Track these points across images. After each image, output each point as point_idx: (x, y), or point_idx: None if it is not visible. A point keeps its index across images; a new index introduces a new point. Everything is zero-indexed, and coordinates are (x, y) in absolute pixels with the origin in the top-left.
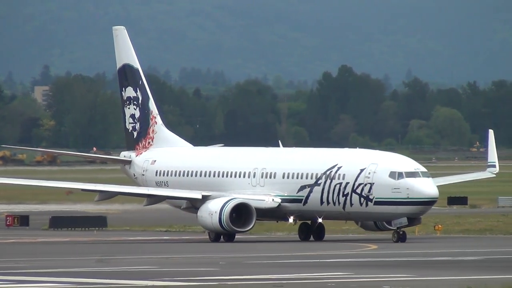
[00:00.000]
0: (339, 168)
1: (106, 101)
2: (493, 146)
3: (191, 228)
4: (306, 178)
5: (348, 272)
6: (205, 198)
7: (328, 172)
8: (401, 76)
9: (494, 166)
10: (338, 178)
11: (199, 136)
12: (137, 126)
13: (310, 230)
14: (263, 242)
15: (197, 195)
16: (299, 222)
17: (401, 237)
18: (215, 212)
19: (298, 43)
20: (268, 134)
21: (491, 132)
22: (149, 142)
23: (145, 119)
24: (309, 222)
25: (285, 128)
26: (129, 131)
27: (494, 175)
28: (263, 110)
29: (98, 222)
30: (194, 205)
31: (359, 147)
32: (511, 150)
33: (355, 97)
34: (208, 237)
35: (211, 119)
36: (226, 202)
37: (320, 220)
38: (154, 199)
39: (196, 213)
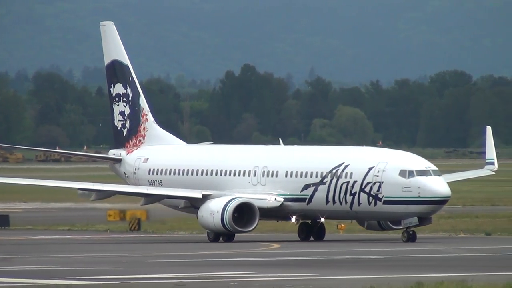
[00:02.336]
0: (346, 166)
1: (8, 100)
2: (491, 143)
3: (94, 227)
4: (311, 176)
5: (251, 271)
6: (205, 198)
7: (334, 171)
8: (304, 75)
9: (492, 163)
10: (345, 177)
11: (102, 135)
12: (127, 123)
13: (311, 230)
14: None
15: (197, 194)
16: (292, 222)
17: (411, 237)
18: (217, 211)
19: (201, 42)
20: (170, 133)
21: (488, 129)
22: (140, 140)
23: (135, 117)
24: (309, 221)
25: (188, 127)
26: (118, 128)
27: (493, 173)
28: (166, 109)
29: (0, 221)
30: (193, 204)
31: (365, 145)
32: (413, 149)
33: (258, 96)
34: (207, 237)
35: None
36: (229, 201)
37: (322, 219)
38: (151, 198)
39: (195, 213)
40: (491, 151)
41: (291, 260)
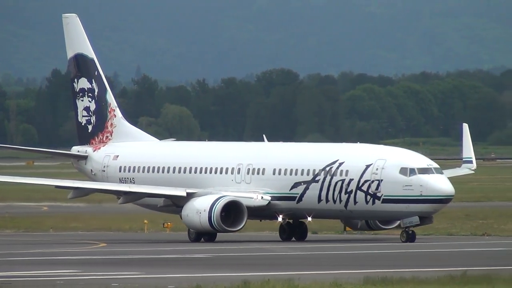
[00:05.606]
0: (341, 163)
1: None
2: (468, 141)
3: None
4: (302, 174)
5: (77, 269)
6: (189, 196)
7: (328, 168)
8: (130, 74)
9: (470, 162)
10: (340, 175)
11: None
12: (93, 119)
13: (293, 230)
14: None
15: (181, 192)
16: (279, 222)
17: (410, 237)
18: (204, 210)
19: (28, 41)
20: None
21: (465, 126)
22: (107, 136)
23: (102, 112)
24: (291, 221)
25: (14, 125)
26: (83, 124)
27: (473, 172)
28: None
29: None
30: (175, 203)
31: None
32: None
33: None
34: (188, 237)
35: None
36: (216, 200)
37: (309, 219)
38: (131, 196)
39: (175, 212)
40: (468, 149)
41: (118, 259)
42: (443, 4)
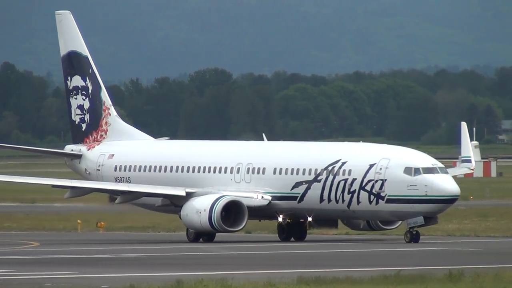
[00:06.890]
0: (343, 163)
1: None
2: (466, 140)
3: None
4: (303, 173)
5: (10, 269)
6: (188, 195)
7: (330, 168)
8: None
9: (469, 161)
10: (343, 174)
11: None
12: (86, 117)
13: (292, 230)
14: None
15: (180, 192)
16: (277, 222)
17: (414, 238)
18: (204, 210)
19: None
20: None
21: (463, 125)
22: (101, 135)
23: (96, 110)
24: (289, 221)
25: None
26: (76, 123)
27: (471, 171)
28: None
29: None
30: (174, 203)
31: (359, 141)
32: None
33: (17, 94)
34: (186, 237)
35: None
36: (217, 199)
37: (310, 219)
38: (129, 196)
39: (173, 212)
40: (467, 148)
41: (51, 258)
42: (376, 3)
